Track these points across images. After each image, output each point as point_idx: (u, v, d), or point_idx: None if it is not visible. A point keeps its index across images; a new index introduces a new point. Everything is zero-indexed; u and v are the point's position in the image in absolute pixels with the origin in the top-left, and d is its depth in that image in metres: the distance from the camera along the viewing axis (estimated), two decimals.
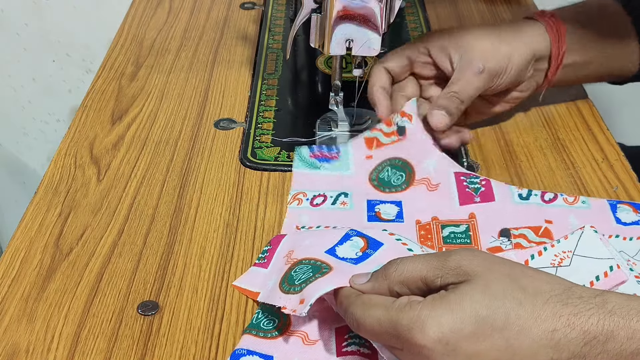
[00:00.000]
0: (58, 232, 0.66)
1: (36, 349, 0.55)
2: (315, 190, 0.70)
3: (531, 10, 1.05)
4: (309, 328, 0.55)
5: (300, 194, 0.70)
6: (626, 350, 0.45)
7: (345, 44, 0.71)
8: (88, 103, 0.85)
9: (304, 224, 0.66)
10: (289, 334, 0.55)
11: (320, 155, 0.73)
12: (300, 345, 0.54)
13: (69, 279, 0.61)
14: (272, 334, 0.55)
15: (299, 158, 0.73)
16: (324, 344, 0.54)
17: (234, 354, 0.53)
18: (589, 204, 0.67)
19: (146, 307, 0.58)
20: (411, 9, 1.05)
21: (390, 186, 0.70)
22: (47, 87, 1.55)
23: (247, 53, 0.95)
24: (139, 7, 1.06)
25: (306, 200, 0.69)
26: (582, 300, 0.46)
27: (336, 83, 0.75)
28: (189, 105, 0.84)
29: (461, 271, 0.48)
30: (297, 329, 0.55)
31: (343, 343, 0.54)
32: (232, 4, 1.07)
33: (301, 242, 0.61)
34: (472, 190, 0.68)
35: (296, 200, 0.69)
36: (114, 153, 0.76)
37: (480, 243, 0.64)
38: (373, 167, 0.72)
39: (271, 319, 0.56)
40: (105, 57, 0.94)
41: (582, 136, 0.79)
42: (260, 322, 0.56)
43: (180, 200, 0.70)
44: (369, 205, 0.69)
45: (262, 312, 0.57)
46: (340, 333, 0.55)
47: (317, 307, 0.55)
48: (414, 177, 0.71)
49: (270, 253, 0.62)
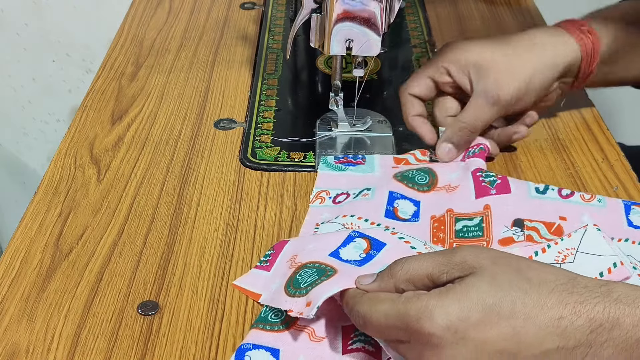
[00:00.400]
0: (58, 232, 0.66)
1: (36, 349, 0.55)
2: (338, 189, 0.70)
3: (531, 11, 1.05)
4: (316, 324, 0.55)
5: (324, 192, 0.70)
6: (632, 337, 0.45)
7: (345, 44, 0.71)
8: (88, 103, 0.85)
9: (323, 221, 0.66)
10: (295, 328, 0.55)
11: (346, 161, 0.74)
12: (307, 341, 0.54)
13: (69, 279, 0.61)
14: (278, 327, 0.55)
15: (324, 163, 0.73)
16: (330, 341, 0.54)
17: (240, 349, 0.54)
18: (604, 203, 0.67)
19: (146, 307, 0.58)
20: (411, 9, 1.05)
21: (414, 182, 0.70)
22: (47, 87, 1.55)
23: (247, 53, 0.95)
24: (139, 7, 1.06)
25: (329, 198, 0.69)
26: (588, 289, 0.47)
27: (336, 83, 0.76)
28: (189, 105, 0.84)
29: (467, 265, 0.48)
30: (304, 324, 0.55)
31: (349, 341, 0.54)
32: (232, 4, 1.07)
33: (304, 246, 0.61)
34: (488, 183, 0.68)
35: (319, 199, 0.69)
36: (114, 153, 0.76)
37: (492, 234, 0.64)
38: (397, 172, 0.72)
39: (278, 312, 0.56)
40: (105, 57, 0.94)
41: (582, 136, 0.79)
42: (268, 316, 0.56)
43: (180, 200, 0.70)
44: (390, 197, 0.68)
45: (269, 306, 0.57)
46: (347, 331, 0.55)
47: (324, 305, 0.55)
48: (436, 183, 0.70)
49: (273, 257, 0.62)
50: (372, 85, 0.88)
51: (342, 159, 0.74)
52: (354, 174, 0.72)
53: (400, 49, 0.97)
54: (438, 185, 0.70)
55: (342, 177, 0.72)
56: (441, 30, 1.01)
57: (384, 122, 0.80)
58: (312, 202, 0.69)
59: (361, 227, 0.64)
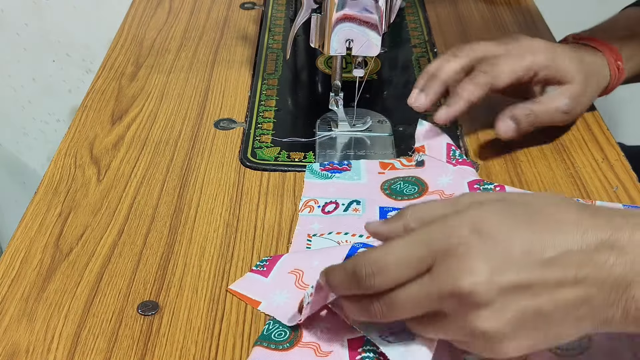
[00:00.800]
0: (58, 232, 0.66)
1: (36, 349, 0.55)
2: (326, 198, 0.70)
3: (531, 11, 1.05)
4: (321, 340, 0.55)
5: (312, 201, 0.69)
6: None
7: (345, 44, 0.71)
8: (88, 103, 0.85)
9: (315, 232, 0.66)
10: (300, 346, 0.54)
11: (331, 167, 0.73)
12: (313, 356, 0.54)
13: (69, 279, 0.61)
14: (283, 345, 0.54)
15: (310, 171, 0.73)
16: (336, 356, 0.53)
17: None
18: None
19: (146, 307, 0.58)
20: (411, 9, 1.06)
21: (403, 195, 0.70)
22: (47, 87, 1.55)
23: (247, 53, 0.95)
24: (139, 7, 1.06)
25: (318, 207, 0.69)
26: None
27: (336, 83, 0.76)
28: (189, 105, 0.84)
29: (475, 200, 0.48)
30: (309, 341, 0.55)
31: (357, 356, 0.53)
32: (232, 4, 1.08)
33: (309, 263, 0.60)
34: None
35: (307, 208, 0.69)
36: (114, 153, 0.76)
37: None
38: (385, 180, 0.72)
39: (282, 330, 0.55)
40: (105, 57, 0.94)
41: (582, 136, 0.79)
42: (272, 334, 0.55)
43: (180, 200, 0.70)
44: (382, 212, 0.68)
45: (273, 322, 0.56)
46: (353, 346, 0.54)
47: (328, 320, 0.55)
48: (427, 190, 0.70)
49: (271, 263, 0.62)
50: (372, 85, 0.88)
51: (328, 165, 0.73)
52: (341, 181, 0.72)
53: (400, 49, 0.97)
54: (429, 191, 0.70)
55: (329, 185, 0.71)
56: (441, 30, 1.01)
57: (384, 122, 0.80)
58: (301, 210, 0.68)
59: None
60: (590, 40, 0.78)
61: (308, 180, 0.72)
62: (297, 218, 0.68)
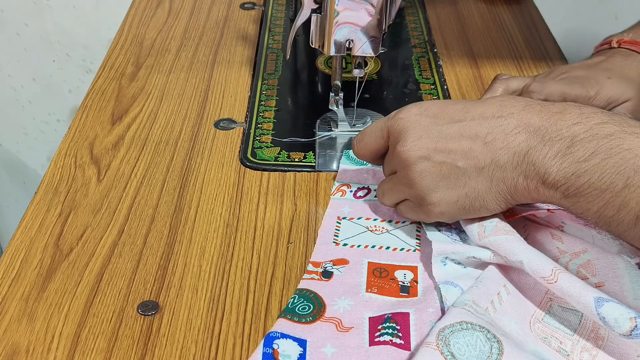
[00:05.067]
0: (58, 232, 0.66)
1: (36, 349, 0.55)
2: (359, 183, 0.71)
3: (531, 11, 1.05)
4: (343, 316, 0.57)
5: (345, 185, 0.71)
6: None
7: (345, 44, 0.71)
8: (88, 103, 0.85)
9: (345, 215, 0.68)
10: (323, 320, 0.56)
11: None
12: (334, 331, 0.55)
13: (69, 279, 0.61)
14: (306, 319, 0.56)
15: (346, 157, 0.75)
16: (357, 332, 0.55)
17: (268, 337, 0.54)
18: None
19: (146, 307, 0.58)
20: (411, 9, 1.06)
21: None
22: (47, 87, 1.55)
23: (247, 53, 0.95)
24: (139, 7, 1.06)
25: (350, 192, 0.71)
26: None
27: (336, 83, 0.76)
28: (189, 105, 0.84)
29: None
30: (331, 316, 0.56)
31: (376, 333, 0.55)
32: (232, 4, 1.08)
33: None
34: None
35: (339, 192, 0.71)
36: (114, 153, 0.76)
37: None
38: None
39: (306, 304, 0.57)
40: (105, 57, 0.94)
41: None
42: (296, 307, 0.57)
43: (180, 200, 0.70)
44: None
45: (297, 297, 0.58)
46: (374, 323, 0.56)
47: (352, 297, 0.57)
48: None
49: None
50: (372, 85, 0.88)
51: None
52: (375, 168, 0.73)
53: (400, 49, 0.97)
54: None
55: (363, 171, 0.73)
56: (441, 30, 1.01)
57: None
58: (332, 194, 0.70)
59: (385, 228, 0.66)
60: (633, 45, 0.78)
61: (343, 166, 0.73)
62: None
